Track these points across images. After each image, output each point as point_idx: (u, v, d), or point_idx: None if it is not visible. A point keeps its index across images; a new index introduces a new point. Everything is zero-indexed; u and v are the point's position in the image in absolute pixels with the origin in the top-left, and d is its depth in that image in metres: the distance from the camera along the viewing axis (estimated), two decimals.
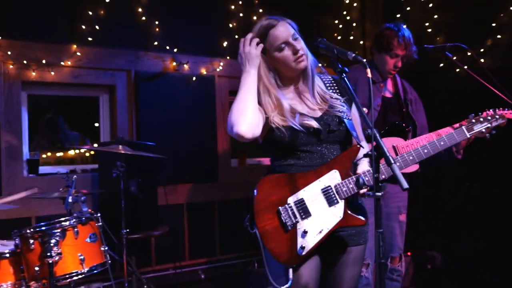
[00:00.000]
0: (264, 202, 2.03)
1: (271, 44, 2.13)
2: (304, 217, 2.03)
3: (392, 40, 3.06)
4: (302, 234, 2.01)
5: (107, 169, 3.80)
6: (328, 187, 2.06)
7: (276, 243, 2.01)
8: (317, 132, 2.10)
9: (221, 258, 4.69)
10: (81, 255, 2.49)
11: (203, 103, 4.65)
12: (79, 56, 4.08)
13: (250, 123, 2.04)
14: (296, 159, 2.12)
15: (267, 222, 2.02)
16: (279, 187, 2.05)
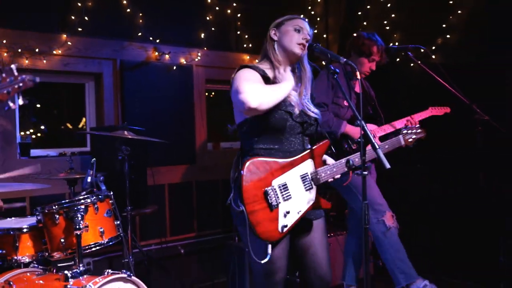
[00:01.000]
0: (251, 183, 2.25)
1: (292, 22, 2.53)
2: (286, 199, 2.34)
3: (372, 47, 3.62)
4: (285, 214, 2.33)
5: (100, 151, 4.12)
6: (306, 174, 2.45)
7: (260, 221, 2.25)
8: (302, 123, 2.49)
9: (199, 234, 5.08)
10: (101, 228, 2.83)
11: (182, 91, 5.00)
12: (69, 45, 4.31)
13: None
14: (280, 144, 2.44)
15: (254, 201, 2.25)
16: (264, 170, 2.30)
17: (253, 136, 2.46)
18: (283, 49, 2.53)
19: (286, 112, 2.43)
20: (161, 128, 4.74)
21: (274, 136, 2.44)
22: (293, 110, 2.46)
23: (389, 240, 3.56)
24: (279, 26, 2.56)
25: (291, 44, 2.50)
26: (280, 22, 2.57)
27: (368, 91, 3.89)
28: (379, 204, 3.57)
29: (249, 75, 2.41)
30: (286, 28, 2.53)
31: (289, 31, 2.52)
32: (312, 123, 2.54)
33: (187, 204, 5.07)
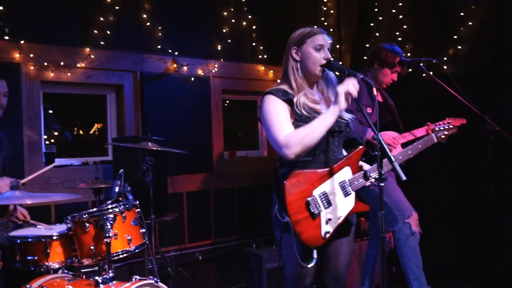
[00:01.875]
0: (294, 195, 2.38)
1: (312, 40, 2.56)
2: (327, 206, 2.47)
3: (396, 59, 3.77)
4: (327, 221, 2.46)
5: (122, 161, 4.26)
6: (344, 181, 2.55)
7: (305, 229, 2.39)
8: (332, 131, 2.56)
9: (216, 241, 5.22)
10: (128, 236, 2.96)
11: (200, 102, 5.15)
12: (92, 58, 4.48)
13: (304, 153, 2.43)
14: (313, 155, 2.53)
15: (297, 211, 2.38)
16: (305, 181, 2.42)
17: None
18: (304, 71, 2.60)
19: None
20: (179, 137, 4.87)
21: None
22: None
23: (410, 244, 3.67)
24: (300, 44, 2.59)
25: (315, 67, 2.57)
26: (300, 40, 2.60)
27: (387, 100, 4.02)
28: (406, 206, 3.68)
29: (276, 111, 2.48)
30: (307, 49, 2.57)
31: (311, 53, 2.56)
32: (343, 129, 2.62)
33: (204, 211, 5.20)
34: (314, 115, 2.52)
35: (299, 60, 2.62)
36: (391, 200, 3.65)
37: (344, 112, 2.66)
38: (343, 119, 2.66)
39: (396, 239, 3.71)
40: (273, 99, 2.53)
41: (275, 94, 2.54)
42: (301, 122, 2.50)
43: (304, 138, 2.39)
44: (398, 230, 3.66)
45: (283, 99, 2.52)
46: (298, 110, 2.51)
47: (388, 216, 3.65)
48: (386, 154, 2.39)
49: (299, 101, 2.53)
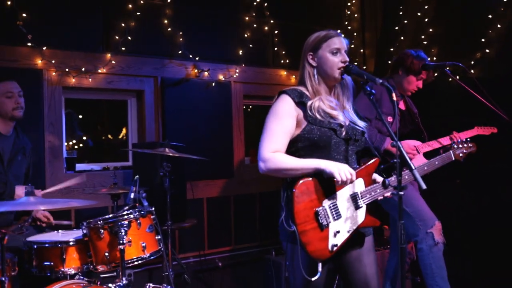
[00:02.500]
0: (303, 203, 2.30)
1: (328, 44, 2.49)
2: (336, 218, 2.36)
3: (421, 65, 3.64)
4: (335, 233, 2.36)
5: (141, 166, 4.25)
6: (355, 193, 2.45)
7: (311, 240, 2.30)
8: (347, 139, 2.49)
9: (236, 247, 5.17)
10: (143, 243, 2.94)
11: (221, 107, 5.11)
12: (113, 64, 4.50)
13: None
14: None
15: (305, 221, 2.29)
16: (315, 190, 2.34)
17: (300, 156, 2.47)
18: (323, 76, 2.53)
19: (329, 129, 2.44)
20: (200, 143, 4.86)
21: (319, 154, 2.44)
22: (337, 127, 2.46)
23: (434, 255, 3.54)
24: (316, 50, 2.52)
25: (332, 71, 2.49)
26: (316, 45, 2.53)
27: (411, 108, 3.91)
28: (428, 215, 3.56)
29: (281, 118, 2.43)
30: (324, 54, 2.50)
31: (327, 57, 2.49)
32: (358, 138, 2.53)
33: (225, 217, 5.16)
34: (329, 120, 2.46)
35: (315, 66, 2.55)
36: (413, 210, 3.53)
37: (358, 120, 2.59)
38: (358, 126, 2.57)
39: (419, 250, 3.59)
40: (287, 101, 2.47)
41: (290, 94, 2.48)
42: (314, 125, 2.44)
43: (282, 170, 2.38)
44: (420, 240, 3.54)
45: (296, 101, 2.46)
46: (312, 114, 2.44)
47: (410, 226, 3.55)
48: (406, 163, 2.30)
49: (314, 105, 2.46)
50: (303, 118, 2.46)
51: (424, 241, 3.53)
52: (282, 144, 2.44)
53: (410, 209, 3.53)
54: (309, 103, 2.46)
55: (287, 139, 2.46)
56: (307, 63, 2.56)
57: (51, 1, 4.25)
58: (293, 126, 2.46)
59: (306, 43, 2.60)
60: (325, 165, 2.34)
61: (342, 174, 2.31)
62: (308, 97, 2.50)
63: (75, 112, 5.00)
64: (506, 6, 4.70)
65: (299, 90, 2.52)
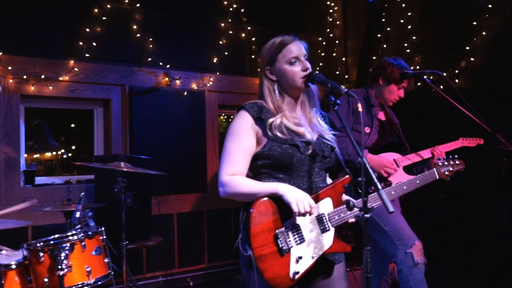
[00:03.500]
0: (260, 225, 2.05)
1: (284, 55, 2.25)
2: (299, 242, 2.12)
3: (400, 73, 3.41)
4: (297, 259, 2.09)
5: (103, 180, 3.99)
6: (322, 215, 2.19)
7: (270, 266, 2.04)
8: (313, 156, 2.23)
9: (210, 265, 4.88)
10: (88, 267, 2.66)
11: (194, 117, 4.85)
12: (76, 71, 4.24)
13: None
14: (289, 180, 2.19)
15: (263, 245, 2.04)
16: (275, 210, 2.10)
17: (261, 173, 2.25)
18: (286, 89, 2.29)
19: (291, 145, 2.19)
20: (170, 155, 4.60)
21: (282, 172, 2.22)
22: (300, 143, 2.21)
23: (414, 276, 3.28)
24: (272, 63, 2.29)
25: (295, 82, 2.25)
26: (271, 58, 2.29)
27: (392, 119, 3.67)
28: (408, 234, 3.30)
29: (238, 138, 2.20)
30: (281, 66, 2.26)
31: (286, 69, 2.25)
32: (327, 154, 2.29)
33: (197, 234, 4.88)
34: (293, 137, 2.21)
35: (275, 80, 2.30)
36: (391, 228, 3.27)
37: (327, 132, 2.34)
38: (326, 139, 2.31)
39: (398, 271, 3.32)
40: (245, 118, 2.23)
41: (249, 110, 2.23)
42: (275, 142, 2.19)
43: (239, 194, 2.15)
44: (400, 262, 3.27)
45: (255, 117, 2.21)
46: (271, 133, 2.19)
47: (389, 246, 3.29)
48: (372, 181, 2.04)
49: (275, 123, 2.21)
50: (263, 135, 2.21)
51: (404, 262, 3.26)
52: (242, 165, 2.20)
53: (388, 228, 3.27)
54: (269, 121, 2.21)
55: (247, 159, 2.21)
56: (265, 78, 2.31)
57: (8, 4, 4.00)
58: (252, 144, 2.22)
59: (261, 55, 2.36)
60: (283, 191, 2.10)
61: (300, 206, 2.06)
62: (268, 112, 2.25)
63: (46, 123, 4.74)
64: (492, 13, 4.48)
65: (259, 104, 2.27)
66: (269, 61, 2.29)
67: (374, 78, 3.58)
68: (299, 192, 2.11)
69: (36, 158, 4.58)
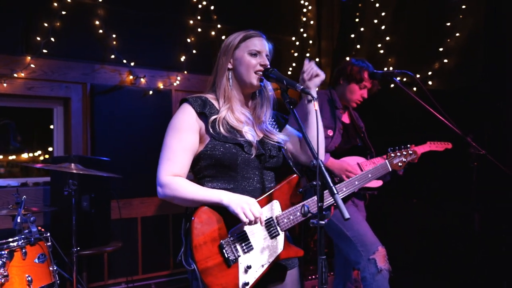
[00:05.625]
0: (203, 236, 1.91)
1: (247, 45, 2.15)
2: (246, 251, 1.98)
3: (363, 73, 3.33)
4: (245, 269, 1.96)
5: (59, 183, 3.78)
6: (270, 219, 2.06)
7: (217, 279, 1.90)
8: (259, 156, 2.10)
9: (175, 271, 4.70)
10: (28, 276, 2.48)
11: (160, 117, 4.64)
12: (33, 68, 4.03)
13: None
14: (234, 182, 2.06)
15: (207, 257, 1.90)
16: (219, 218, 1.96)
17: (204, 176, 2.10)
18: (238, 80, 2.17)
19: (235, 145, 2.05)
20: (135, 157, 4.42)
21: (226, 174, 2.07)
22: (244, 142, 2.08)
23: (378, 283, 3.15)
24: (233, 50, 2.17)
25: (249, 75, 2.13)
26: (233, 45, 2.18)
27: (356, 121, 3.55)
28: (370, 239, 3.18)
29: (180, 134, 2.05)
30: (241, 54, 2.15)
31: (244, 58, 2.14)
32: (274, 154, 2.15)
33: (162, 238, 4.69)
34: (235, 136, 2.07)
35: (231, 68, 2.18)
36: (354, 234, 3.15)
37: (276, 133, 2.21)
38: (273, 140, 2.17)
39: (362, 279, 3.19)
40: (188, 112, 2.08)
41: (192, 104, 2.09)
42: (218, 141, 2.05)
43: (179, 198, 1.98)
44: (362, 268, 3.14)
45: (198, 111, 2.06)
46: (214, 130, 2.05)
47: (351, 252, 3.17)
48: (327, 185, 1.89)
49: (219, 118, 2.06)
50: (205, 132, 2.07)
51: (367, 269, 3.14)
52: (183, 164, 2.04)
53: (351, 233, 3.15)
54: (212, 117, 2.07)
55: (188, 157, 2.06)
56: (221, 65, 2.19)
57: None
58: (195, 141, 2.07)
59: (223, 43, 2.24)
60: (228, 201, 1.94)
61: (248, 214, 1.92)
62: (213, 107, 2.12)
63: (13, 122, 4.51)
64: (466, 14, 4.38)
65: (204, 98, 2.14)
66: (230, 47, 2.18)
67: (336, 78, 3.51)
68: (244, 199, 1.96)
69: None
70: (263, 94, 2.24)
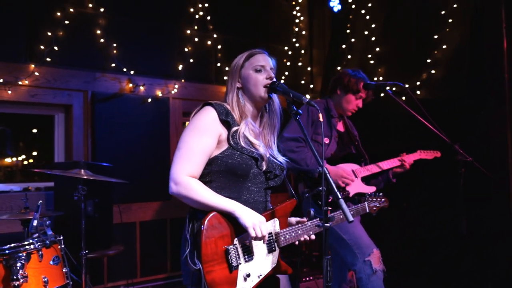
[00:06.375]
0: (212, 239, 2.01)
1: (251, 63, 2.30)
2: (248, 259, 2.10)
3: (360, 84, 3.46)
4: (245, 277, 2.08)
5: (63, 188, 3.89)
6: (270, 235, 2.20)
7: (218, 282, 2.01)
8: (266, 172, 2.24)
9: (172, 274, 4.82)
10: (45, 278, 2.59)
11: (158, 124, 4.80)
12: (37, 76, 4.14)
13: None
14: (239, 192, 2.18)
15: (213, 259, 2.01)
16: (227, 225, 2.07)
17: (212, 180, 2.20)
18: (249, 96, 2.31)
19: (251, 157, 2.20)
20: (134, 163, 4.54)
21: (235, 182, 2.19)
22: (259, 156, 2.22)
23: (373, 284, 3.31)
24: (239, 70, 2.32)
25: (257, 89, 2.27)
26: (238, 65, 2.33)
27: (351, 130, 3.72)
28: (366, 242, 3.35)
29: (201, 136, 2.14)
30: (247, 72, 2.30)
31: (251, 75, 2.28)
32: (277, 173, 2.30)
33: (160, 242, 4.82)
34: (251, 149, 2.21)
35: (240, 87, 2.33)
36: (350, 237, 3.31)
37: (278, 154, 2.39)
38: (278, 161, 2.33)
39: (358, 280, 3.36)
40: (211, 116, 2.18)
41: (218, 109, 2.19)
42: (236, 151, 2.17)
43: (192, 200, 2.08)
44: (359, 270, 3.31)
45: (222, 118, 2.18)
46: (234, 141, 2.18)
47: (348, 255, 3.33)
48: (332, 191, 2.06)
49: (240, 131, 2.21)
50: (225, 139, 2.19)
51: (362, 270, 3.31)
52: (199, 165, 2.14)
53: (347, 237, 3.31)
54: (234, 128, 2.20)
55: (205, 160, 2.15)
56: (230, 86, 2.33)
57: None
58: (213, 145, 2.17)
59: (231, 65, 2.39)
60: (240, 214, 2.07)
61: (257, 231, 2.05)
62: (233, 118, 2.25)
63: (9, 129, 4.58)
64: (453, 27, 4.61)
65: (226, 107, 2.26)
66: (236, 68, 2.32)
67: (333, 88, 3.64)
68: (255, 216, 2.09)
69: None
70: (272, 107, 2.38)
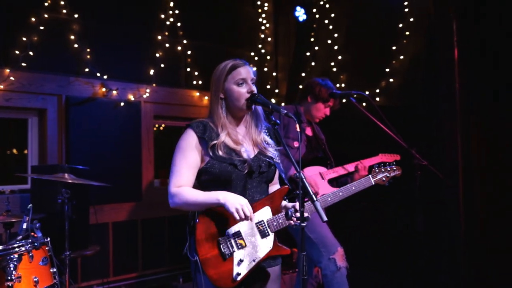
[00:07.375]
0: (205, 233, 2.32)
1: (233, 76, 2.47)
2: (240, 247, 2.38)
3: (329, 93, 3.70)
4: (238, 262, 2.36)
5: (41, 191, 3.99)
6: (261, 221, 2.45)
7: (215, 270, 2.31)
8: (250, 172, 2.47)
9: (143, 273, 4.98)
10: (35, 278, 2.72)
11: (130, 127, 4.94)
12: (12, 80, 4.22)
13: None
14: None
15: (207, 251, 2.31)
16: (219, 220, 2.35)
17: (207, 187, 2.46)
18: (231, 108, 2.51)
19: (230, 164, 2.42)
20: (106, 165, 4.66)
21: (223, 187, 2.42)
22: (238, 162, 2.43)
23: (337, 280, 3.59)
24: (222, 82, 2.49)
25: (239, 103, 2.47)
26: (221, 78, 2.50)
27: (318, 134, 3.97)
28: (331, 241, 3.61)
29: (184, 155, 2.42)
30: (230, 86, 2.48)
31: (233, 89, 2.47)
32: (264, 170, 2.51)
33: (131, 242, 4.97)
34: (232, 156, 2.43)
35: (223, 98, 2.52)
36: (316, 236, 3.58)
37: (269, 148, 2.58)
38: (266, 156, 2.56)
39: (323, 276, 3.64)
40: (191, 135, 2.44)
41: (195, 129, 2.44)
42: (216, 161, 2.41)
43: (187, 203, 2.37)
44: (324, 267, 3.59)
45: (199, 136, 2.43)
46: (213, 153, 2.42)
47: (314, 253, 3.59)
48: (308, 194, 2.30)
49: (218, 143, 2.43)
50: (205, 154, 2.44)
51: (328, 267, 3.58)
52: (188, 178, 2.43)
53: (314, 236, 3.57)
54: (212, 143, 2.43)
55: (193, 172, 2.45)
56: (214, 96, 2.53)
57: None
58: (197, 159, 2.45)
59: (213, 75, 2.56)
60: (224, 200, 2.32)
61: (240, 213, 2.29)
62: (212, 131, 2.47)
63: None
64: (409, 39, 4.95)
65: (205, 122, 2.48)
66: (219, 81, 2.49)
67: (303, 95, 3.88)
68: (237, 199, 2.32)
69: None
70: (255, 114, 2.59)
